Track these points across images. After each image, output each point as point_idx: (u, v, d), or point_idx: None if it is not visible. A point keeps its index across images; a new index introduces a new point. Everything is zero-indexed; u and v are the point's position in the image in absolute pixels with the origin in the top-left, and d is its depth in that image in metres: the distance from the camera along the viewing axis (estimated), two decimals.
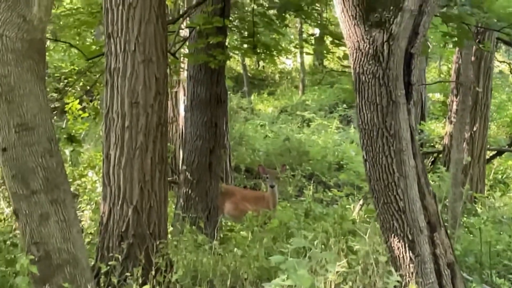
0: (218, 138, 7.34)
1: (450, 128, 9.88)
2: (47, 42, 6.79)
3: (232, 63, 20.13)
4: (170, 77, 8.56)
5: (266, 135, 14.43)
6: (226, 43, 7.51)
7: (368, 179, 4.28)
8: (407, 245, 4.17)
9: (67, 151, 7.97)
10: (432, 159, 10.77)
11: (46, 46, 4.86)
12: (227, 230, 7.61)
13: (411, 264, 4.19)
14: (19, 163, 3.90)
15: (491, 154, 10.67)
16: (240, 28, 8.40)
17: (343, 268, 4.38)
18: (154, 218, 5.08)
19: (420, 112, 13.98)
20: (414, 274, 4.19)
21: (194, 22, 6.99)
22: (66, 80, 12.09)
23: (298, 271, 3.62)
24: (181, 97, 10.42)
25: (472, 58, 8.46)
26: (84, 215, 7.49)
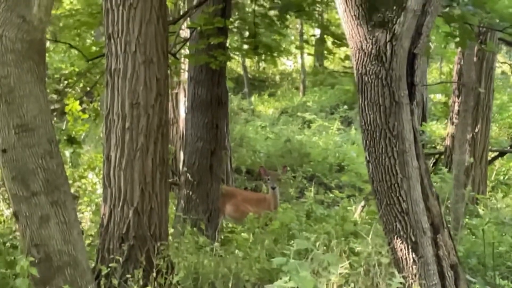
0: (219, 140, 7.33)
1: (451, 129, 9.85)
2: (47, 43, 6.76)
3: (233, 64, 20.11)
4: (170, 78, 8.54)
5: (267, 136, 14.41)
6: (227, 44, 7.50)
7: (371, 180, 4.26)
8: (410, 246, 4.16)
9: (67, 153, 7.94)
10: (434, 160, 10.73)
11: (46, 47, 4.82)
12: (228, 231, 7.60)
13: (414, 266, 4.17)
14: (19, 164, 3.88)
15: (493, 155, 10.63)
16: (241, 29, 8.37)
17: (346, 270, 4.36)
18: (155, 220, 5.06)
19: (421, 113, 13.94)
20: (417, 276, 4.17)
21: (195, 23, 6.96)
22: (66, 81, 12.09)
23: (301, 273, 3.59)
24: (181, 98, 10.40)
25: (474, 58, 8.44)
26: (85, 217, 7.47)
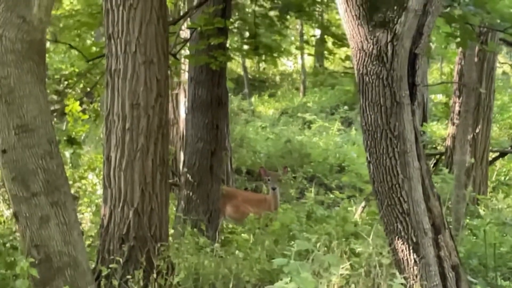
0: (219, 140, 7.32)
1: (452, 129, 9.83)
2: (47, 43, 6.75)
3: (233, 65, 20.09)
4: (171, 78, 8.53)
5: (267, 137, 14.40)
6: (227, 45, 7.49)
7: (371, 181, 4.25)
8: (411, 247, 4.15)
9: (67, 153, 7.92)
10: (435, 161, 10.71)
11: (46, 47, 4.81)
12: (229, 232, 7.59)
13: (415, 267, 4.16)
14: (19, 165, 3.87)
15: (494, 156, 10.61)
16: (241, 29, 8.37)
17: (347, 270, 4.36)
18: (155, 221, 5.05)
19: (422, 114, 13.93)
20: (418, 276, 4.16)
21: (195, 23, 6.95)
22: (66, 82, 12.08)
23: (302, 274, 3.58)
24: (182, 99, 10.39)
25: (475, 59, 8.43)
26: (85, 218, 7.46)
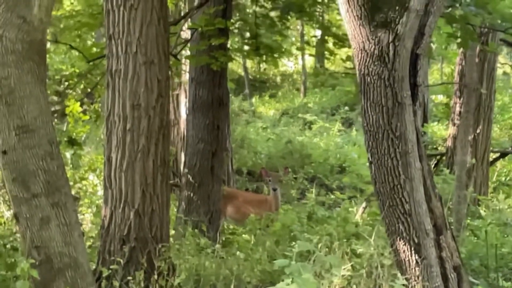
0: (220, 141, 7.30)
1: (453, 130, 9.82)
2: (48, 44, 6.74)
3: (234, 65, 20.08)
4: (171, 79, 8.52)
5: (268, 137, 14.39)
6: (228, 45, 7.48)
7: (373, 181, 4.24)
8: (413, 248, 4.15)
9: (68, 154, 7.91)
10: (435, 162, 10.70)
11: (47, 48, 4.80)
12: (230, 233, 7.57)
13: (417, 268, 4.16)
14: (20, 166, 3.86)
15: (495, 156, 10.60)
16: (242, 30, 8.36)
17: (348, 271, 4.35)
18: (156, 222, 5.04)
19: (422, 114, 13.90)
20: (420, 277, 4.16)
21: (196, 24, 6.95)
22: (67, 83, 12.08)
23: (303, 275, 3.57)
24: (182, 99, 10.37)
25: (476, 59, 8.41)
26: (85, 219, 7.45)
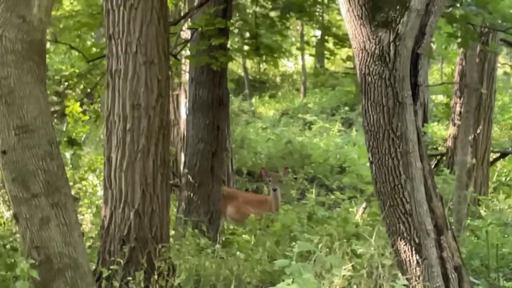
0: (220, 141, 7.30)
1: (453, 130, 9.82)
2: (47, 44, 6.74)
3: (234, 65, 20.08)
4: (171, 79, 8.51)
5: (268, 138, 14.38)
6: (228, 45, 7.47)
7: (374, 181, 4.23)
8: (413, 248, 4.14)
9: (67, 154, 7.91)
10: (436, 162, 10.69)
11: (47, 48, 4.80)
12: (230, 233, 7.56)
13: (417, 268, 4.15)
14: (19, 166, 3.85)
15: (495, 156, 10.60)
16: (242, 30, 8.35)
17: (349, 272, 4.34)
18: (156, 222, 5.03)
19: (422, 114, 13.89)
20: (421, 277, 4.15)
21: (196, 24, 6.94)
22: (66, 83, 12.07)
23: (304, 275, 3.56)
24: (182, 99, 10.36)
25: (476, 59, 8.40)
26: (85, 219, 7.43)
